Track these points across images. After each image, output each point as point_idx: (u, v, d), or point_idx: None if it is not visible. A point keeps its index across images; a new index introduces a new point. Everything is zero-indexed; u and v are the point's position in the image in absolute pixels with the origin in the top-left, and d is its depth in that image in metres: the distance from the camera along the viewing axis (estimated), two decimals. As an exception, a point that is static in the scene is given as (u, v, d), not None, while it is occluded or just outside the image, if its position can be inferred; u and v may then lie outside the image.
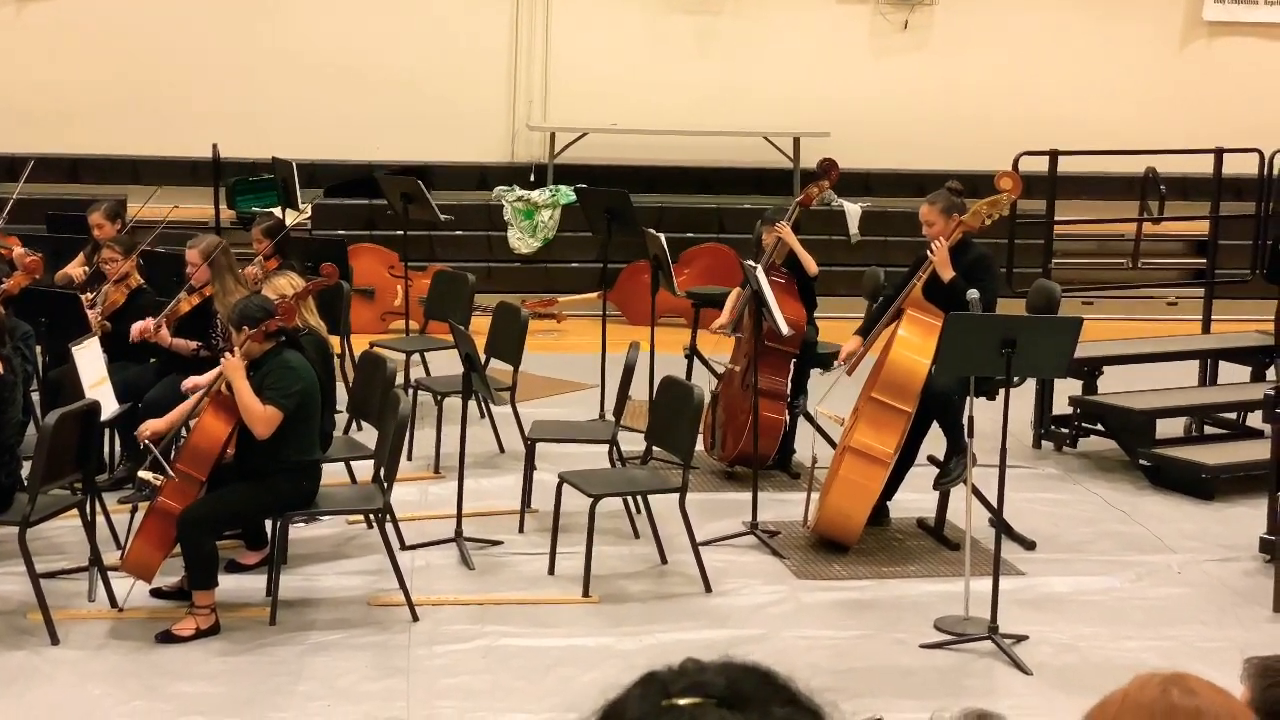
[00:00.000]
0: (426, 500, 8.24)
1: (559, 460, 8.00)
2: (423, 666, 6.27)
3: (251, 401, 6.53)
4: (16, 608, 6.67)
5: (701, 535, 7.32)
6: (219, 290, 8.00)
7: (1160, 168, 12.61)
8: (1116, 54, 14.39)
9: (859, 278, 9.71)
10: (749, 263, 8.15)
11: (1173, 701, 1.90)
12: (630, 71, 14.03)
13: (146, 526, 6.57)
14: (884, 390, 7.57)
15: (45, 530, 7.16)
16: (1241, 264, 11.92)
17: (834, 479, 7.65)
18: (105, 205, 9.36)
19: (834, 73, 14.16)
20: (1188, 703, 1.90)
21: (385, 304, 12.38)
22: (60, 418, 6.49)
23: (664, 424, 7.56)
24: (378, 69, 13.80)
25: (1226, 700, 1.93)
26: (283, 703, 5.93)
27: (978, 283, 7.41)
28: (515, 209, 13.42)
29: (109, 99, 13.54)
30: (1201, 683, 1.94)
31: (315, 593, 7.02)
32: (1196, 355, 10.32)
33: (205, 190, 12.38)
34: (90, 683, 6.06)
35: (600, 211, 9.76)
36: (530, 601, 6.96)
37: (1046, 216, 10.94)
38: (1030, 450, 9.45)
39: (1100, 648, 6.54)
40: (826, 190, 9.48)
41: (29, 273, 7.96)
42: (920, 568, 7.52)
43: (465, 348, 7.50)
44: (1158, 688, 1.93)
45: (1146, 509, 8.44)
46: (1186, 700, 1.90)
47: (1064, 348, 6.65)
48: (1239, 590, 7.30)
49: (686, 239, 12.98)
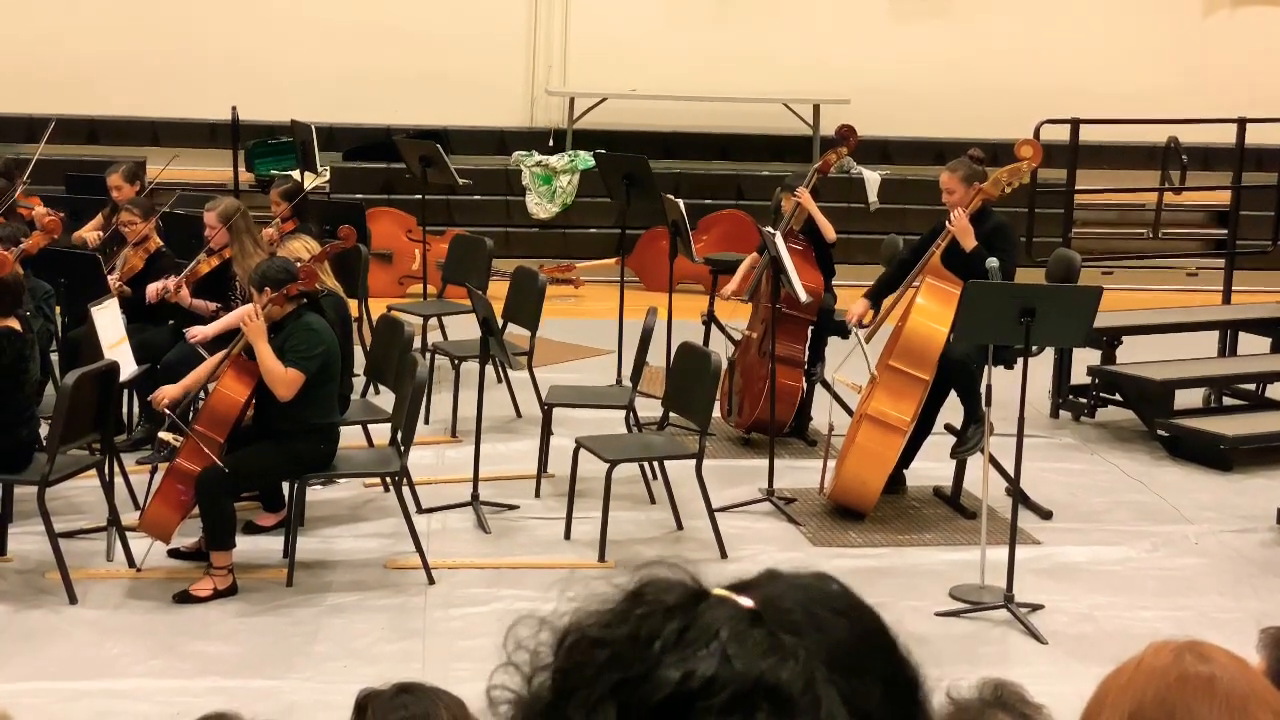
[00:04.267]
0: (443, 464, 8.25)
1: (576, 425, 8.01)
2: (438, 629, 6.29)
3: (274, 364, 6.54)
4: (35, 567, 6.71)
5: (718, 501, 7.32)
6: (237, 253, 8.01)
7: (1182, 137, 12.52)
8: (1139, 22, 14.29)
9: (877, 245, 9.68)
10: (768, 229, 8.13)
11: (1186, 668, 1.89)
12: (650, 37, 13.97)
13: (164, 487, 6.60)
14: (902, 358, 7.55)
15: (64, 490, 7.19)
16: (1263, 235, 11.85)
17: (851, 446, 7.64)
18: (124, 167, 9.35)
19: (854, 39, 14.09)
20: (1202, 669, 1.89)
21: (403, 268, 12.38)
22: (79, 378, 6.50)
23: (681, 390, 7.55)
24: (397, 33, 13.76)
25: (1241, 667, 1.92)
26: (299, 663, 5.96)
27: (997, 252, 7.38)
28: (534, 174, 13.40)
29: (129, 61, 13.53)
30: (1216, 650, 1.94)
31: (332, 555, 7.04)
32: (1216, 326, 10.27)
33: (224, 153, 12.37)
34: (108, 641, 6.09)
35: (619, 177, 9.74)
36: (546, 566, 6.97)
37: (1067, 185, 10.89)
38: (1048, 420, 9.43)
39: (1116, 617, 6.54)
40: (845, 157, 9.44)
41: (48, 232, 7.96)
42: (936, 536, 7.52)
43: (483, 312, 7.50)
44: (1171, 655, 1.92)
45: (1164, 479, 8.42)
46: (1201, 667, 1.89)
47: (1083, 317, 6.63)
48: (1256, 561, 7.28)
49: (705, 205, 12.94)
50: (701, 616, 1.14)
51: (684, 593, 1.17)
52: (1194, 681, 1.87)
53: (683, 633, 1.12)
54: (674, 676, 1.10)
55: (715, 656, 1.11)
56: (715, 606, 1.15)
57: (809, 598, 1.19)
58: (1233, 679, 1.88)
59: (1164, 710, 1.86)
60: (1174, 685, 1.88)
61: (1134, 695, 1.89)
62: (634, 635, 1.13)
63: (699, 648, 1.11)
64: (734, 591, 1.18)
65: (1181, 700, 1.86)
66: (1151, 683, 1.89)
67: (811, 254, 8.56)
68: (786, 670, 1.11)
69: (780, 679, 1.11)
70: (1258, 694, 1.88)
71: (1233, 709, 1.85)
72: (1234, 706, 1.85)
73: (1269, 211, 11.67)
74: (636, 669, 1.11)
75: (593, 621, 1.16)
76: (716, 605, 1.15)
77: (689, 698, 1.09)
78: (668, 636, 1.12)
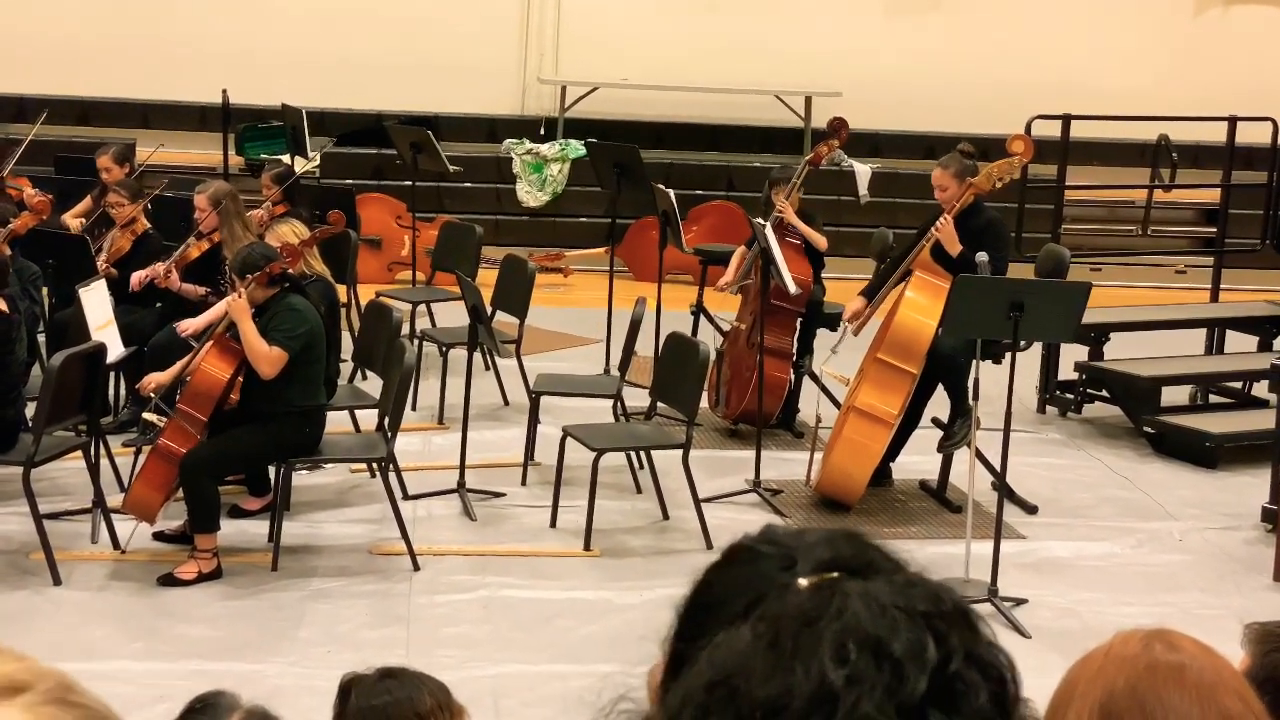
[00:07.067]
0: (430, 451, 8.25)
1: (563, 414, 8.01)
2: (423, 615, 6.29)
3: (257, 342, 6.54)
4: (19, 548, 6.69)
5: (704, 492, 7.33)
6: (227, 237, 7.99)
7: (1173, 135, 12.55)
8: (1131, 19, 14.30)
9: (867, 238, 9.68)
10: (758, 220, 8.13)
11: (1156, 656, 1.90)
12: (642, 27, 13.96)
13: (147, 467, 6.59)
14: (890, 351, 7.56)
15: (49, 471, 7.16)
16: (1252, 233, 11.87)
17: (837, 438, 7.65)
18: (114, 149, 9.34)
19: (847, 32, 14.08)
20: (1171, 658, 1.90)
21: (392, 254, 12.36)
22: (65, 359, 6.49)
23: (669, 380, 7.55)
24: (390, 18, 13.73)
25: (1208, 655, 1.93)
26: (283, 648, 5.95)
27: (988, 248, 7.38)
28: (524, 162, 13.38)
29: (120, 43, 13.48)
30: (1184, 638, 1.95)
31: (317, 540, 7.03)
32: (1204, 324, 10.30)
33: (214, 136, 12.33)
34: (92, 623, 6.08)
35: (609, 166, 9.73)
36: (531, 554, 6.98)
37: (1057, 181, 10.90)
38: (1034, 415, 9.45)
39: (1100, 613, 6.55)
40: (836, 150, 9.44)
41: (37, 213, 7.94)
42: (922, 529, 7.53)
43: (472, 299, 7.50)
44: (1140, 643, 1.93)
45: (1149, 476, 8.44)
46: (1170, 655, 1.90)
47: (1071, 313, 6.64)
48: (1240, 558, 7.30)
49: (695, 196, 12.93)
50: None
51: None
52: (1164, 670, 1.88)
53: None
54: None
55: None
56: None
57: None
58: (1201, 667, 1.89)
59: (1135, 699, 1.87)
60: (1144, 674, 1.88)
61: (1104, 684, 1.90)
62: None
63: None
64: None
65: (1152, 689, 1.87)
66: (1122, 671, 1.90)
67: (801, 246, 8.56)
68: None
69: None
70: (1225, 681, 1.89)
71: (1203, 696, 1.86)
72: (1204, 694, 1.86)
73: (1258, 210, 11.69)
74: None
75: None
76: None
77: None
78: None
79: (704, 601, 1.31)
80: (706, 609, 1.30)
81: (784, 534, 1.31)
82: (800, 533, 1.31)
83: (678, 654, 1.28)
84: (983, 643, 1.17)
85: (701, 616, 1.30)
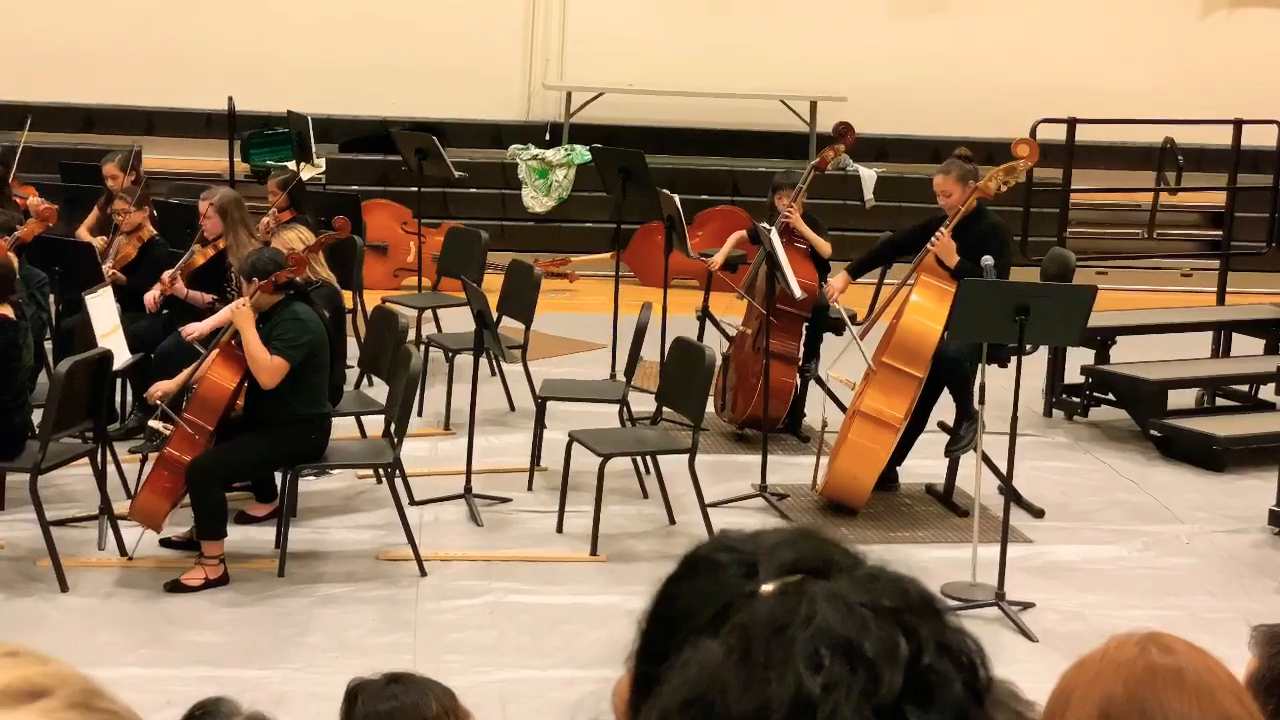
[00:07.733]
0: (436, 456, 8.25)
1: (569, 419, 8.01)
2: (430, 621, 6.29)
3: (259, 351, 6.54)
4: (26, 554, 6.70)
5: (710, 496, 7.32)
6: (232, 243, 8.00)
7: (1178, 138, 12.54)
8: (1137, 22, 14.30)
9: (873, 243, 9.66)
10: (763, 225, 8.13)
11: (1152, 660, 1.90)
12: (648, 32, 13.96)
13: (154, 475, 6.60)
14: (895, 355, 7.55)
15: (56, 478, 7.18)
16: (1258, 236, 11.87)
17: (843, 442, 7.65)
18: (119, 156, 9.35)
19: (852, 36, 14.09)
20: (1167, 661, 1.90)
21: (398, 260, 12.36)
22: (72, 366, 6.50)
23: (675, 385, 7.55)
24: (395, 25, 13.75)
25: (1203, 657, 1.93)
26: (290, 654, 5.95)
27: (991, 253, 7.38)
28: (530, 168, 13.39)
29: (125, 50, 13.51)
30: (1178, 641, 1.95)
31: (324, 546, 7.04)
32: (1210, 327, 10.28)
33: (220, 143, 12.35)
34: (99, 630, 6.09)
35: (615, 171, 9.73)
36: (538, 559, 6.98)
37: (1063, 185, 10.89)
38: (1041, 418, 9.43)
39: (1106, 616, 6.53)
40: (842, 154, 9.45)
41: (43, 220, 7.96)
42: (928, 533, 7.53)
43: (477, 305, 7.50)
44: (1136, 647, 1.93)
45: (1156, 479, 8.43)
46: (1166, 659, 1.90)
47: (1077, 316, 6.63)
48: (1247, 562, 7.29)
49: (701, 201, 12.93)
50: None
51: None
52: (1162, 673, 1.88)
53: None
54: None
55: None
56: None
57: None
58: (1198, 670, 1.89)
59: (1135, 703, 1.87)
60: (1142, 678, 1.89)
61: (1102, 689, 1.90)
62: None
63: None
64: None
65: (1151, 693, 1.87)
66: (1119, 676, 1.90)
67: (807, 250, 8.57)
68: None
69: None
70: (1222, 683, 1.89)
71: (1202, 698, 1.86)
72: (1203, 696, 1.86)
73: (1264, 213, 11.69)
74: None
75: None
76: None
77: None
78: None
79: (668, 615, 1.30)
80: (671, 623, 1.28)
81: (740, 539, 1.29)
82: (756, 536, 1.28)
83: (645, 673, 1.25)
84: (950, 630, 1.16)
85: (667, 631, 1.27)
